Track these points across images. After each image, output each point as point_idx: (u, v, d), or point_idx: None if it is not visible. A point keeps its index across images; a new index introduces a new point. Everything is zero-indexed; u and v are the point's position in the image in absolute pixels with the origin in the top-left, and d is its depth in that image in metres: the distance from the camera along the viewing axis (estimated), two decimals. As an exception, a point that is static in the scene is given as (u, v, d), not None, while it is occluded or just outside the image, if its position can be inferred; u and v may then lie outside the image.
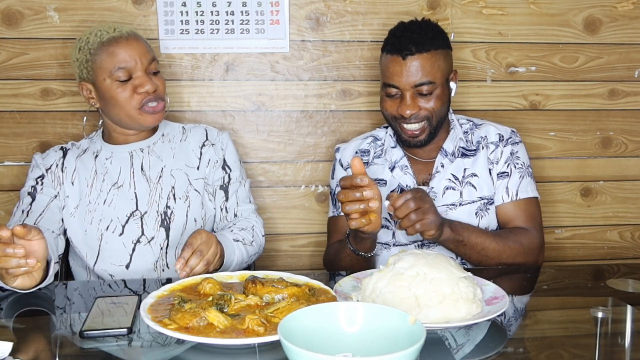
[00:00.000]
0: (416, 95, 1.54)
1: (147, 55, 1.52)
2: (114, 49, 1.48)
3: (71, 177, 1.58)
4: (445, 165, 1.63)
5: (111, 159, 1.60)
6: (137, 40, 1.52)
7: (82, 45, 1.52)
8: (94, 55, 1.49)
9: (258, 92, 1.98)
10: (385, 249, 1.65)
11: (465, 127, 1.68)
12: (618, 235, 2.16)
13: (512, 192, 1.60)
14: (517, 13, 2.00)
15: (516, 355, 1.02)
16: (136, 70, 1.50)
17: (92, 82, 1.53)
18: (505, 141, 1.63)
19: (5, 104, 1.90)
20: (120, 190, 1.56)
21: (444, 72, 1.56)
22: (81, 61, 1.52)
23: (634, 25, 2.05)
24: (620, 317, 1.20)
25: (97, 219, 1.54)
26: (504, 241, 1.51)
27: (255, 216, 1.66)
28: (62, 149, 1.63)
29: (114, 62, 1.48)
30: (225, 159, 1.66)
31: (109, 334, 1.03)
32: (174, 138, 1.66)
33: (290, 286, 1.12)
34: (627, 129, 2.11)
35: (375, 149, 1.72)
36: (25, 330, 1.12)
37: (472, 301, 1.05)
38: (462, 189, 1.61)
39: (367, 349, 0.90)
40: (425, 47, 1.52)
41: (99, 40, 1.50)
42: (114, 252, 1.53)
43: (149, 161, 1.60)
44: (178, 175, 1.60)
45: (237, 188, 1.66)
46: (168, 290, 1.16)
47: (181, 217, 1.57)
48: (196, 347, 0.99)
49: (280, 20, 1.93)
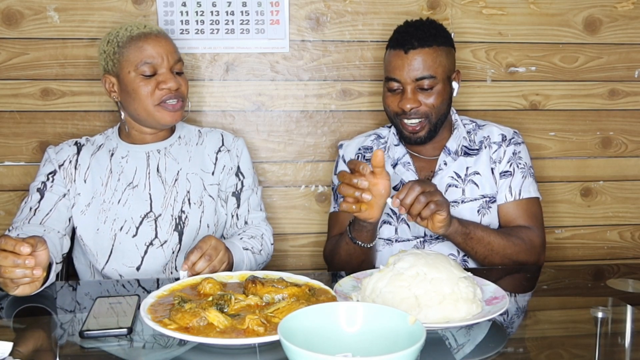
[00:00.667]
0: (417, 90, 1.55)
1: (174, 55, 1.54)
2: (143, 44, 1.50)
3: (84, 174, 1.57)
4: (448, 163, 1.63)
5: (127, 158, 1.59)
6: (165, 39, 1.54)
7: (112, 39, 1.53)
8: (122, 48, 1.51)
9: (258, 92, 1.98)
10: (387, 244, 1.65)
11: (469, 128, 1.68)
12: (618, 235, 2.16)
13: (515, 192, 1.61)
14: (517, 13, 2.00)
15: (516, 355, 1.02)
16: (161, 67, 1.51)
17: (116, 75, 1.53)
18: (508, 141, 1.64)
19: (5, 104, 1.90)
20: (135, 191, 1.56)
21: (446, 69, 1.57)
22: (108, 53, 1.53)
23: (634, 25, 2.05)
24: (620, 317, 1.20)
25: (112, 218, 1.53)
26: (507, 237, 1.52)
27: (266, 224, 1.66)
28: (76, 144, 1.62)
29: (141, 56, 1.49)
30: (239, 166, 1.67)
31: (109, 334, 1.03)
32: (191, 141, 1.66)
33: (290, 286, 1.12)
34: (627, 129, 2.11)
35: (378, 146, 1.72)
36: (25, 330, 1.12)
37: (472, 301, 1.05)
38: (465, 187, 1.61)
39: (367, 349, 0.90)
40: (428, 43, 1.54)
41: (129, 35, 1.51)
42: (126, 253, 1.53)
43: (165, 163, 1.60)
44: (193, 179, 1.60)
45: (249, 195, 1.66)
46: (168, 290, 1.16)
47: (195, 222, 1.57)
48: (196, 347, 0.99)
49: (280, 20, 1.93)
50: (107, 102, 1.92)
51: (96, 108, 1.92)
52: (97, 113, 1.93)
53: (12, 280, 1.14)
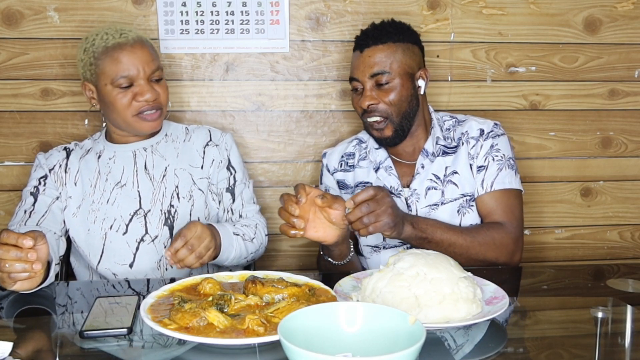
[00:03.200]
0: (375, 87, 1.57)
1: (151, 65, 1.51)
2: (118, 56, 1.48)
3: (74, 177, 1.58)
4: (425, 165, 1.62)
5: (114, 159, 1.60)
6: (142, 48, 1.51)
7: (88, 47, 1.52)
8: (98, 59, 1.50)
9: (258, 92, 1.98)
10: (375, 251, 1.65)
11: (448, 124, 1.66)
12: (618, 235, 2.16)
13: (487, 184, 1.57)
14: (517, 13, 2.00)
15: (516, 355, 1.02)
16: (138, 79, 1.50)
17: (94, 84, 1.53)
18: (486, 135, 1.60)
19: (5, 104, 1.90)
20: (123, 189, 1.56)
21: (402, 65, 1.57)
22: (85, 62, 1.53)
23: (634, 25, 2.05)
24: (620, 317, 1.20)
25: (101, 218, 1.54)
26: (473, 236, 1.47)
27: (260, 216, 1.68)
28: (65, 149, 1.63)
29: (116, 70, 1.48)
30: (230, 160, 1.67)
31: (109, 334, 1.03)
32: (178, 138, 1.66)
33: (290, 286, 1.12)
34: (627, 129, 2.11)
35: (360, 152, 1.72)
36: (25, 330, 1.12)
37: (472, 301, 1.05)
38: (444, 188, 1.59)
39: (367, 349, 0.90)
40: (382, 40, 1.56)
41: (104, 45, 1.49)
42: (118, 251, 1.53)
43: (153, 160, 1.60)
44: (182, 174, 1.60)
45: (242, 190, 1.67)
46: (168, 290, 1.16)
47: (185, 216, 1.57)
48: (196, 347, 0.99)
49: (280, 20, 1.93)
50: (107, 102, 1.92)
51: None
52: (97, 113, 1.92)
53: (10, 275, 1.14)
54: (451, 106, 2.01)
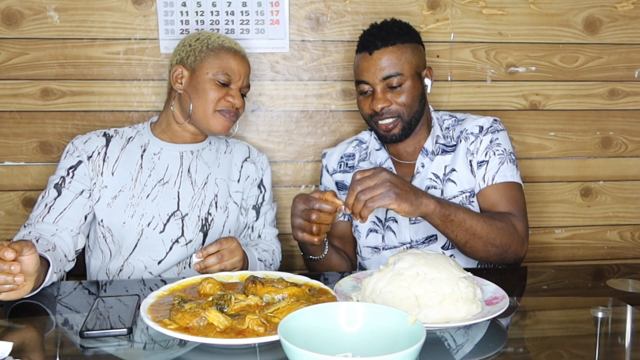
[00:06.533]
0: (386, 89, 1.56)
1: (247, 80, 1.62)
2: (230, 57, 1.57)
3: (112, 167, 1.57)
4: (425, 164, 1.62)
5: (159, 155, 1.61)
6: (247, 64, 1.62)
7: (202, 39, 1.59)
8: (211, 50, 1.57)
9: (258, 92, 1.98)
10: (375, 252, 1.65)
11: (447, 123, 1.66)
12: (618, 235, 2.16)
13: (489, 177, 1.56)
14: (517, 13, 2.01)
15: (516, 355, 1.02)
16: (235, 83, 1.58)
17: (191, 70, 1.57)
18: (485, 130, 1.60)
19: (5, 104, 1.90)
20: (165, 187, 1.58)
21: (413, 65, 1.57)
22: (194, 48, 1.58)
23: (634, 25, 2.05)
24: (620, 317, 1.20)
25: (139, 213, 1.54)
26: (491, 221, 1.44)
27: (277, 241, 1.72)
28: (105, 135, 1.62)
29: (223, 66, 1.56)
30: (262, 179, 1.72)
31: (109, 334, 1.03)
32: (220, 148, 1.70)
33: (290, 286, 1.12)
34: (627, 129, 2.11)
35: (360, 152, 1.73)
36: (25, 330, 1.12)
37: (472, 301, 1.05)
38: (444, 187, 1.59)
39: (367, 349, 0.90)
40: (391, 41, 1.55)
41: (220, 43, 1.58)
42: (153, 247, 1.55)
43: (197, 165, 1.63)
44: (221, 184, 1.64)
45: (267, 210, 1.71)
46: (168, 290, 1.16)
47: (219, 226, 1.60)
48: (196, 347, 0.99)
49: (280, 20, 1.93)
50: (107, 102, 1.92)
51: (96, 108, 1.92)
52: (97, 113, 1.93)
53: None
54: (451, 106, 2.01)
